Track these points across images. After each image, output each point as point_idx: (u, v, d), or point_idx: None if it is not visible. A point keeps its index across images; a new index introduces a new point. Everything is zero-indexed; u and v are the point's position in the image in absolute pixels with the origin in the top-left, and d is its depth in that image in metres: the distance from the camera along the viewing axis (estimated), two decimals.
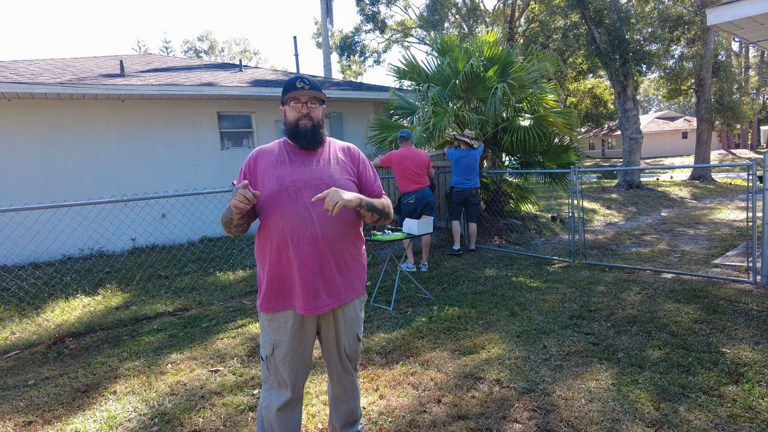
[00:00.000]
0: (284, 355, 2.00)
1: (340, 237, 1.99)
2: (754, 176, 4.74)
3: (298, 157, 2.03)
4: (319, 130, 2.04)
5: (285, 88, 2.03)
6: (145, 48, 44.45)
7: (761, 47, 7.54)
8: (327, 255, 1.96)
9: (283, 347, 2.00)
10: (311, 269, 1.94)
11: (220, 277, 6.15)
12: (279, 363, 2.02)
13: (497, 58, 7.89)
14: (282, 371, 2.02)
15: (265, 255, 1.99)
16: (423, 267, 6.18)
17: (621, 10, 14.10)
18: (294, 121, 2.02)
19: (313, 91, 2.00)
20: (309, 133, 2.01)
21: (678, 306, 4.24)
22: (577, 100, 31.02)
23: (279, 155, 2.03)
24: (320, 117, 2.06)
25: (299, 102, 2.00)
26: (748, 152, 34.03)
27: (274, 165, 2.00)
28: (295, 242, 1.92)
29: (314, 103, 2.03)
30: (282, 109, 2.08)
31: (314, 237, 1.93)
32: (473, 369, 3.23)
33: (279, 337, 2.00)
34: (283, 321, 2.00)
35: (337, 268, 2.00)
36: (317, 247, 1.93)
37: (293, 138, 2.03)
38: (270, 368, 2.05)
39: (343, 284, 2.04)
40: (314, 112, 2.03)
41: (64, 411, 2.99)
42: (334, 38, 28.88)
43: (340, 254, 2.01)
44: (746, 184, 4.89)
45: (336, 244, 1.98)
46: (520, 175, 9.00)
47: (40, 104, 7.79)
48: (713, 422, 2.48)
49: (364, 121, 10.86)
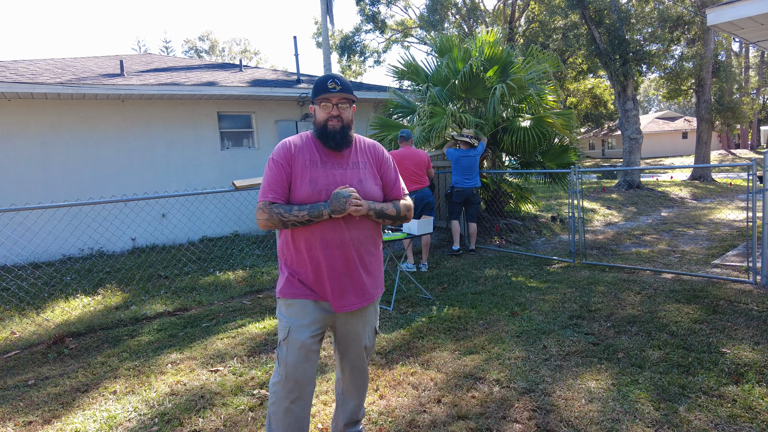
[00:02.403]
0: (297, 339, 2.00)
1: (365, 239, 2.06)
2: (754, 176, 4.73)
3: (330, 158, 2.04)
4: (348, 132, 2.04)
5: (316, 88, 2.02)
6: (145, 48, 44.48)
7: (761, 47, 7.54)
8: (354, 257, 2.02)
9: (299, 332, 2.00)
10: (340, 271, 2.00)
11: (220, 277, 6.14)
12: (291, 347, 2.00)
13: (497, 58, 7.88)
14: (293, 356, 2.00)
15: (291, 251, 2.04)
16: (423, 267, 6.18)
17: (621, 10, 14.10)
18: (323, 122, 2.01)
19: (344, 93, 1.99)
20: (338, 135, 2.00)
21: (678, 306, 4.24)
22: (577, 100, 31.00)
23: (311, 155, 2.03)
24: (350, 118, 2.05)
25: (329, 102, 2.00)
26: (748, 152, 34.03)
27: (307, 165, 2.01)
28: (324, 245, 1.97)
29: (344, 104, 2.02)
30: (312, 108, 2.08)
31: (342, 240, 1.99)
32: (473, 369, 3.23)
33: (297, 321, 2.01)
34: (302, 306, 2.02)
35: (363, 269, 2.06)
36: (345, 250, 2.00)
37: (322, 138, 2.03)
38: (280, 355, 2.04)
39: (370, 284, 2.10)
40: (344, 113, 2.02)
41: (64, 411, 2.99)
42: (334, 38, 28.87)
43: (365, 256, 2.07)
44: (746, 184, 4.89)
45: (362, 246, 2.05)
46: (520, 175, 9.00)
47: (40, 104, 7.79)
48: (713, 422, 2.48)
49: (364, 120, 10.85)
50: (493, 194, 8.34)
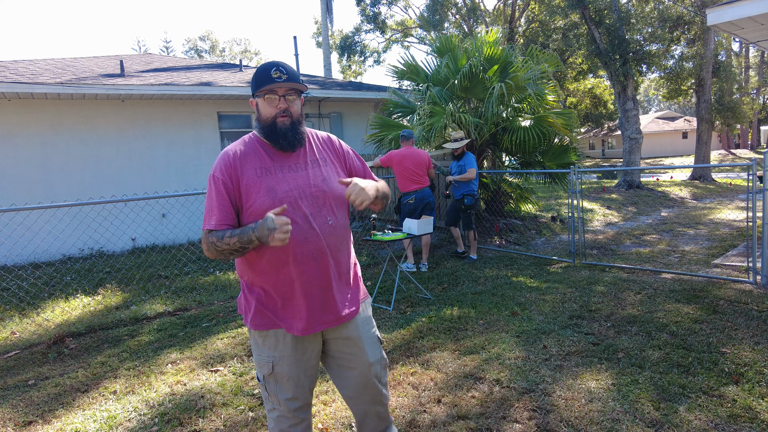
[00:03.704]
0: (287, 371, 1.74)
1: (341, 246, 1.79)
2: (754, 176, 4.73)
3: (283, 161, 1.75)
4: (299, 128, 1.75)
5: (257, 78, 1.72)
6: (145, 48, 44.48)
7: (761, 47, 7.54)
8: (331, 268, 1.75)
9: (285, 363, 1.74)
10: (317, 285, 1.72)
11: (220, 277, 6.14)
12: (280, 381, 1.75)
13: (497, 58, 7.88)
14: (285, 389, 1.76)
15: (255, 273, 1.74)
16: (423, 267, 6.18)
17: (621, 10, 14.10)
18: (270, 118, 1.72)
19: (292, 82, 1.71)
20: (289, 133, 1.72)
21: (678, 306, 4.24)
22: (577, 100, 31.01)
23: (261, 161, 1.73)
24: (299, 111, 1.77)
25: (275, 95, 1.71)
26: (748, 152, 34.03)
27: (259, 174, 1.70)
28: (297, 259, 1.68)
29: (292, 95, 1.73)
30: (253, 102, 1.78)
31: (319, 251, 1.70)
32: (473, 369, 3.23)
33: (278, 353, 1.75)
34: (281, 335, 1.74)
35: (342, 279, 1.80)
36: (322, 261, 1.72)
37: (271, 138, 1.73)
38: (269, 389, 1.77)
39: (351, 292, 1.84)
40: (293, 107, 1.73)
41: (64, 411, 2.99)
42: (334, 38, 28.88)
43: (342, 264, 1.81)
44: (746, 184, 4.89)
45: (338, 254, 1.78)
46: (520, 175, 9.00)
47: (40, 104, 7.79)
48: (713, 422, 2.48)
49: (364, 120, 10.85)
50: (493, 194, 8.34)
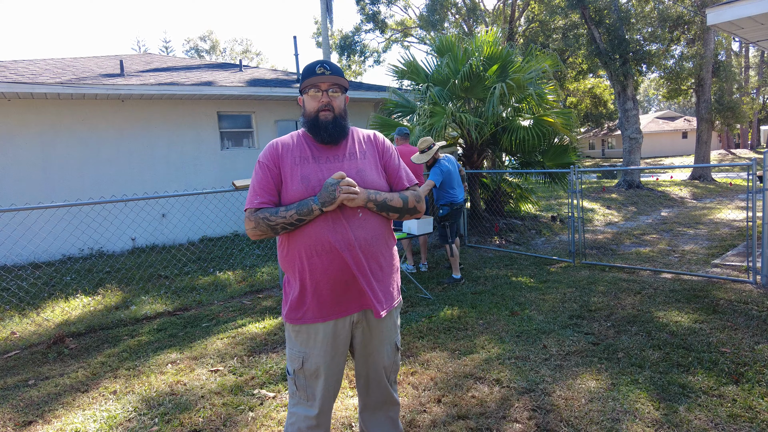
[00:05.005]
0: (315, 369, 1.81)
1: (374, 240, 1.80)
2: (754, 176, 4.73)
3: (322, 152, 1.82)
4: (341, 122, 1.81)
5: (303, 75, 1.80)
6: (145, 48, 44.47)
7: (761, 47, 7.54)
8: (362, 261, 1.76)
9: (314, 360, 1.81)
10: (345, 277, 1.75)
11: (220, 277, 6.14)
12: (309, 377, 1.82)
13: (497, 57, 7.89)
14: (313, 385, 1.83)
15: (294, 263, 1.79)
16: (423, 267, 6.18)
17: (621, 10, 14.10)
18: (314, 112, 1.80)
19: (335, 76, 1.78)
20: (330, 126, 1.78)
21: (678, 306, 4.24)
22: (577, 100, 31.02)
23: (301, 151, 1.82)
24: (342, 107, 1.83)
25: (319, 90, 1.78)
26: (748, 152, 34.02)
27: (297, 163, 1.79)
28: (326, 249, 1.72)
29: (336, 91, 1.80)
30: (300, 99, 1.87)
31: (347, 242, 1.74)
32: (473, 369, 3.23)
33: (308, 350, 1.81)
34: (313, 332, 1.80)
35: (373, 275, 1.81)
36: (351, 253, 1.74)
37: (313, 131, 1.82)
38: (298, 383, 1.84)
39: (383, 292, 1.84)
40: (336, 101, 1.80)
41: (64, 411, 2.99)
42: (334, 38, 28.87)
43: (375, 259, 1.81)
44: (746, 184, 4.89)
45: (370, 248, 1.79)
46: (520, 175, 9.00)
47: (40, 104, 7.79)
48: (713, 422, 2.48)
49: (364, 120, 10.84)
50: (493, 194, 8.34)
